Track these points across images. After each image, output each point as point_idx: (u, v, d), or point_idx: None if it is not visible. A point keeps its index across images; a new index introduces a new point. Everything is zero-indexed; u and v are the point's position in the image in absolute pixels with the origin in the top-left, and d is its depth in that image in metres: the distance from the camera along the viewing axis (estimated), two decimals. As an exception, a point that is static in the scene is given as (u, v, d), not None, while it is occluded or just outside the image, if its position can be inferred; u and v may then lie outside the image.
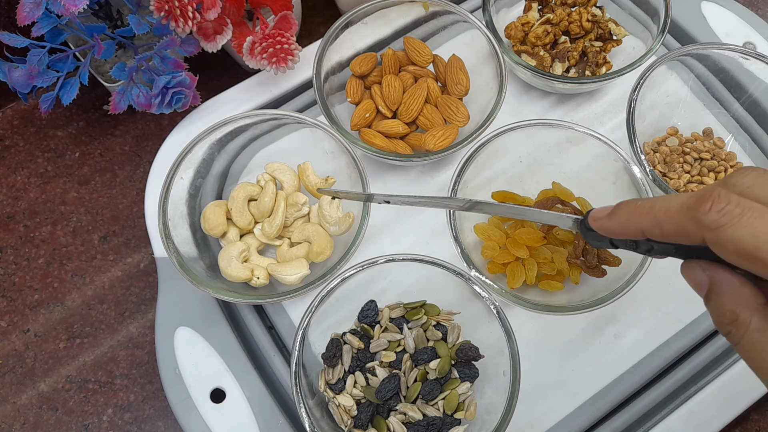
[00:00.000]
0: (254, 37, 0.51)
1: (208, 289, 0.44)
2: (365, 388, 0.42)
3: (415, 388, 0.41)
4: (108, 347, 0.51)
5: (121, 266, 0.54)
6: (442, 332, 0.43)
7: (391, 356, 0.42)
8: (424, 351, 0.42)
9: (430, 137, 0.50)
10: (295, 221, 0.49)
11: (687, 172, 0.52)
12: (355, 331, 0.43)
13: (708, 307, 0.27)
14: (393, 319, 0.44)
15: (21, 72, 0.49)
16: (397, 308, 0.44)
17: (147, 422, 0.49)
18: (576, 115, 0.56)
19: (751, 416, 0.49)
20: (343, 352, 0.42)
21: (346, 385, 0.42)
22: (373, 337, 0.43)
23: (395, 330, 0.43)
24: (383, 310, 0.44)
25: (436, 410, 0.41)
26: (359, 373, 0.42)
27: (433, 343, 0.43)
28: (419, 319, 0.43)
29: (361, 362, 0.42)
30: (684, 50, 0.50)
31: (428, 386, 0.41)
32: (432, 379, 0.42)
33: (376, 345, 0.42)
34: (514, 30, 0.56)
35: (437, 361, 0.42)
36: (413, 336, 0.43)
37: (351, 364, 0.42)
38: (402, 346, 0.43)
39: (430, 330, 0.43)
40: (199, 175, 0.49)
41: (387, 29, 0.55)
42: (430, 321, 0.44)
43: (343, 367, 0.42)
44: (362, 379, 0.42)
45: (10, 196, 0.57)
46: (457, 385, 0.42)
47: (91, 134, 0.59)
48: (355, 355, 0.42)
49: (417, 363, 0.42)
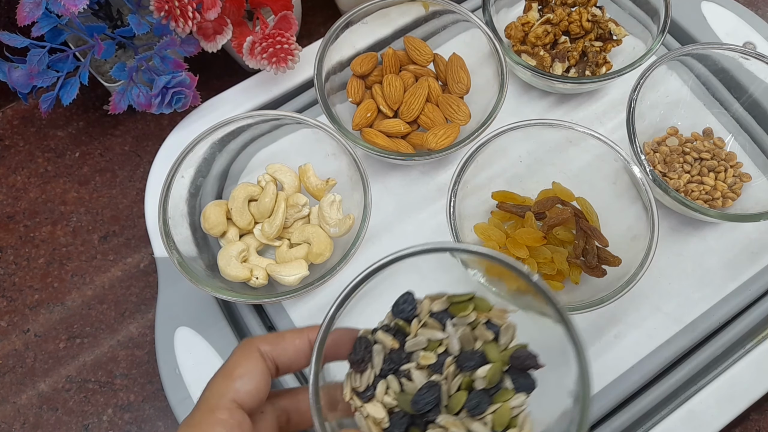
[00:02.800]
0: (254, 37, 0.51)
1: (207, 288, 0.44)
2: (399, 395, 0.34)
3: (459, 398, 0.34)
4: (108, 347, 0.51)
5: (121, 266, 0.54)
6: (494, 332, 0.35)
7: (431, 358, 0.34)
8: (471, 354, 0.35)
9: (432, 136, 0.50)
10: (295, 222, 0.49)
11: (687, 172, 0.52)
12: (388, 328, 0.36)
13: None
14: (434, 313, 0.36)
15: (21, 72, 0.49)
16: (440, 300, 0.36)
17: (147, 422, 0.49)
18: (576, 115, 0.56)
19: (751, 416, 0.49)
20: (374, 353, 0.35)
21: (376, 392, 0.34)
22: (410, 335, 0.35)
23: (437, 326, 0.35)
24: (423, 301, 0.36)
25: (483, 426, 0.34)
26: (392, 377, 0.34)
27: (483, 345, 0.35)
28: (467, 315, 0.35)
29: (395, 364, 0.35)
30: (684, 50, 0.50)
31: (476, 397, 0.34)
32: (480, 388, 0.34)
33: (414, 344, 0.35)
34: (514, 30, 0.56)
35: (487, 368, 0.34)
36: (458, 335, 0.35)
37: (383, 366, 0.35)
38: (444, 346, 0.35)
39: (479, 328, 0.35)
40: (199, 174, 0.49)
41: (387, 29, 0.55)
42: (479, 318, 0.36)
43: (373, 371, 0.35)
44: (395, 384, 0.34)
45: (10, 196, 0.57)
46: (509, 398, 0.34)
47: (91, 134, 0.59)
48: (388, 357, 0.35)
49: (462, 368, 0.35)
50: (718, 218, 0.46)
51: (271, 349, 0.32)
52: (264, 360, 0.31)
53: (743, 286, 0.49)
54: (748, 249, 0.50)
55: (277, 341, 0.32)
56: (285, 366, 0.32)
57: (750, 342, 0.48)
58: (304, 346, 0.32)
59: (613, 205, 0.47)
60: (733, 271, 0.49)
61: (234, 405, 0.29)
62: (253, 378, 0.30)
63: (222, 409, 0.29)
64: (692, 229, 0.51)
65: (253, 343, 0.31)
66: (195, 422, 0.29)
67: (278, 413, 0.33)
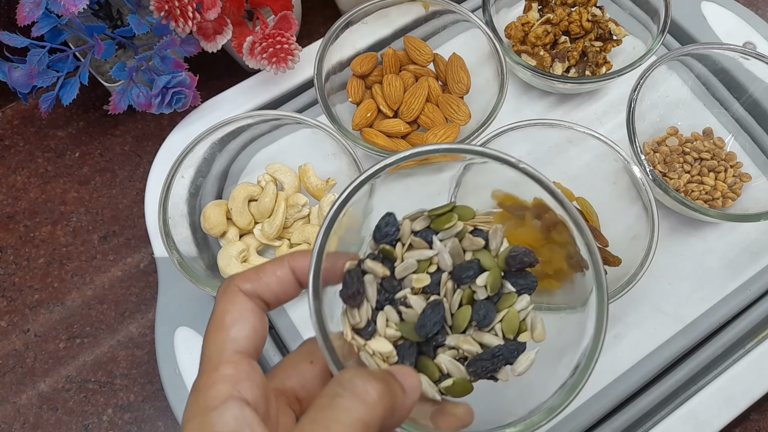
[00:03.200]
0: (254, 37, 0.51)
1: (207, 288, 0.44)
2: (400, 325, 0.32)
3: (465, 313, 0.32)
4: (108, 347, 0.51)
5: (121, 266, 0.54)
6: (483, 239, 0.33)
7: (425, 279, 0.32)
8: (467, 266, 0.32)
9: (432, 136, 0.50)
10: (295, 222, 0.49)
11: (687, 172, 0.52)
12: (374, 256, 0.33)
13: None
14: (417, 232, 0.33)
15: (21, 72, 0.49)
16: (420, 218, 0.33)
17: (147, 422, 0.49)
18: (576, 115, 0.56)
19: (751, 416, 0.49)
20: (366, 284, 0.32)
21: (377, 326, 0.31)
22: (397, 260, 0.32)
23: (423, 245, 0.33)
24: (402, 223, 0.33)
25: (494, 337, 0.32)
26: (389, 307, 0.32)
27: (473, 253, 0.33)
28: (452, 227, 0.33)
29: (389, 293, 0.32)
30: (684, 50, 0.50)
31: (482, 308, 0.32)
32: (483, 298, 0.32)
33: (404, 268, 0.32)
34: (514, 30, 0.56)
35: (486, 275, 0.32)
36: (448, 249, 0.32)
37: (378, 298, 0.32)
38: (435, 264, 0.32)
39: (466, 239, 0.33)
40: (199, 174, 0.49)
41: (387, 29, 0.55)
42: (465, 228, 0.33)
43: (369, 304, 0.32)
44: (394, 314, 0.32)
45: (10, 196, 0.57)
46: (514, 301, 0.32)
47: (91, 134, 0.59)
48: (380, 287, 0.32)
49: (460, 282, 0.32)
50: (718, 218, 0.46)
51: (253, 287, 0.29)
52: (250, 299, 0.29)
53: (743, 286, 0.49)
54: (748, 249, 0.50)
55: (257, 276, 0.29)
56: (272, 300, 0.30)
57: (750, 342, 0.48)
58: (287, 277, 0.30)
59: (613, 205, 0.47)
60: (733, 271, 0.49)
61: (237, 356, 0.27)
62: (246, 322, 0.28)
63: (226, 364, 0.26)
64: (692, 229, 0.51)
65: (233, 283, 0.29)
66: (201, 385, 0.26)
67: (288, 401, 0.30)
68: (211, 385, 0.26)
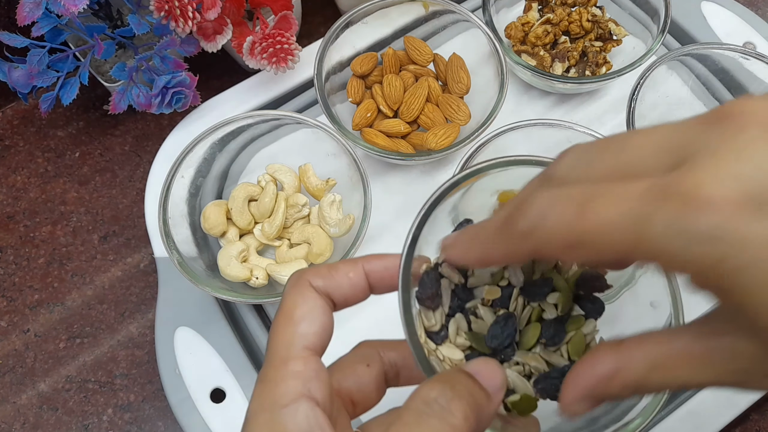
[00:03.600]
0: (254, 37, 0.51)
1: (207, 288, 0.44)
2: (469, 334, 0.32)
3: (534, 330, 0.32)
4: (108, 347, 0.51)
5: (121, 266, 0.54)
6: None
7: (497, 292, 0.32)
8: (540, 283, 0.32)
9: (432, 136, 0.50)
10: (295, 222, 0.49)
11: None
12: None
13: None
14: None
15: (21, 72, 0.49)
16: None
17: (147, 422, 0.49)
18: (576, 115, 0.56)
19: (751, 416, 0.49)
20: (442, 288, 0.32)
21: (449, 333, 0.31)
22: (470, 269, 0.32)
23: None
24: None
25: (561, 357, 0.32)
26: (460, 315, 0.32)
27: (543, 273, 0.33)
28: None
29: (461, 301, 0.32)
30: (684, 50, 0.50)
31: (551, 327, 0.32)
32: (551, 318, 0.32)
33: (477, 279, 0.32)
34: (514, 30, 0.56)
35: (557, 295, 0.32)
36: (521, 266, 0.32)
37: (451, 304, 0.32)
38: (507, 279, 0.32)
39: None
40: (199, 174, 0.49)
41: (387, 29, 0.55)
42: None
43: (443, 309, 0.32)
44: (464, 323, 0.32)
45: (10, 196, 0.57)
46: (582, 324, 0.32)
47: (91, 134, 0.59)
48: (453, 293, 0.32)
49: (531, 299, 0.32)
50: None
51: (324, 284, 0.28)
52: (320, 296, 0.28)
53: (743, 286, 0.49)
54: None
55: (330, 274, 0.28)
56: (340, 301, 0.29)
57: (750, 342, 0.48)
58: (359, 279, 0.29)
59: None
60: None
61: (307, 353, 0.26)
62: (315, 318, 0.27)
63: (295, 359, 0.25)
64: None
65: (304, 278, 0.28)
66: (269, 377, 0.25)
67: (386, 368, 0.30)
68: (281, 380, 0.25)
